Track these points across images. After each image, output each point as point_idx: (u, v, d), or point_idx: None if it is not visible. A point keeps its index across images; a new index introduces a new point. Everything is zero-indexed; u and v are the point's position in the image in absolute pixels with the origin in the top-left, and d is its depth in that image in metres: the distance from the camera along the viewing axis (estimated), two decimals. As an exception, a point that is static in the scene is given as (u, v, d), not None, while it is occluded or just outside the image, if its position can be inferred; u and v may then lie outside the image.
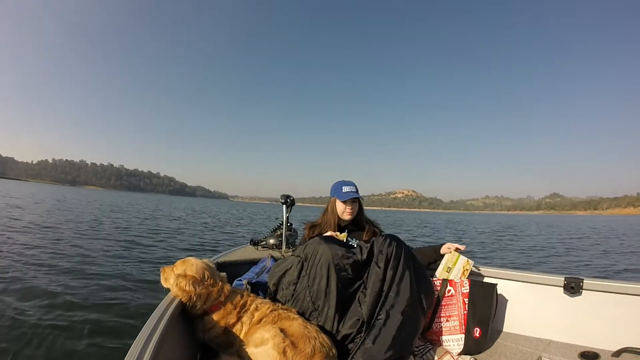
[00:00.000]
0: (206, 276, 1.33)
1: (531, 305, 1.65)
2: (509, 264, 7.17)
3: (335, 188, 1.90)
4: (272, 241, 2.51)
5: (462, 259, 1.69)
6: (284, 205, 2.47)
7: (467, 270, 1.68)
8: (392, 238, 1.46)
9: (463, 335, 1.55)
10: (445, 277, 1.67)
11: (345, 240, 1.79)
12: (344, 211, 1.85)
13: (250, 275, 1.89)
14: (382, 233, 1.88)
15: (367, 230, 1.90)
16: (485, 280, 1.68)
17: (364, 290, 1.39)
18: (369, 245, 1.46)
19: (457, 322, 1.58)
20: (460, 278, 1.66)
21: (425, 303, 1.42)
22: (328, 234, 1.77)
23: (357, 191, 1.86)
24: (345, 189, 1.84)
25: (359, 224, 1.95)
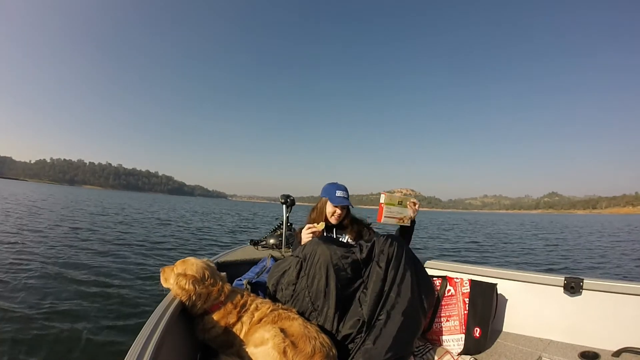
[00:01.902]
0: (206, 275, 1.32)
1: (531, 305, 1.65)
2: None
3: (327, 190, 1.89)
4: (272, 241, 2.51)
5: (409, 211, 1.79)
6: (284, 205, 2.47)
7: (401, 220, 1.76)
8: (393, 238, 1.46)
9: (463, 335, 1.55)
10: (387, 203, 1.73)
11: (332, 235, 1.84)
12: (332, 214, 1.85)
13: (250, 275, 1.89)
14: (374, 231, 1.91)
15: (350, 229, 1.89)
16: (485, 280, 1.68)
17: (364, 291, 1.39)
18: (369, 244, 1.46)
19: (457, 322, 1.58)
20: (391, 218, 1.74)
21: (426, 304, 1.42)
22: (306, 227, 1.78)
23: (348, 197, 1.87)
24: (338, 193, 1.84)
25: (341, 225, 1.95)
